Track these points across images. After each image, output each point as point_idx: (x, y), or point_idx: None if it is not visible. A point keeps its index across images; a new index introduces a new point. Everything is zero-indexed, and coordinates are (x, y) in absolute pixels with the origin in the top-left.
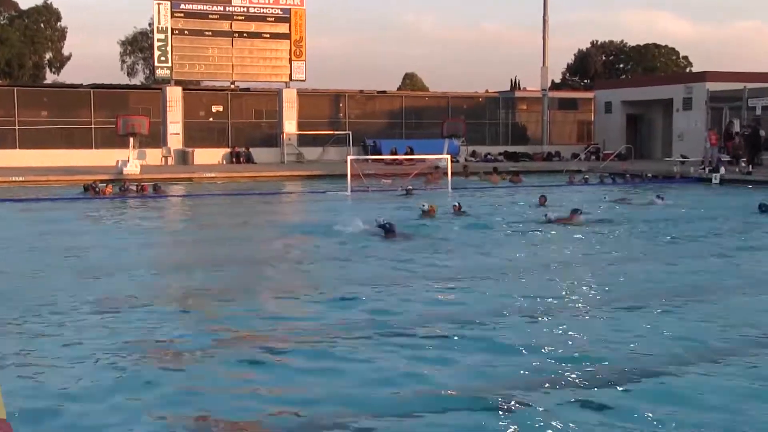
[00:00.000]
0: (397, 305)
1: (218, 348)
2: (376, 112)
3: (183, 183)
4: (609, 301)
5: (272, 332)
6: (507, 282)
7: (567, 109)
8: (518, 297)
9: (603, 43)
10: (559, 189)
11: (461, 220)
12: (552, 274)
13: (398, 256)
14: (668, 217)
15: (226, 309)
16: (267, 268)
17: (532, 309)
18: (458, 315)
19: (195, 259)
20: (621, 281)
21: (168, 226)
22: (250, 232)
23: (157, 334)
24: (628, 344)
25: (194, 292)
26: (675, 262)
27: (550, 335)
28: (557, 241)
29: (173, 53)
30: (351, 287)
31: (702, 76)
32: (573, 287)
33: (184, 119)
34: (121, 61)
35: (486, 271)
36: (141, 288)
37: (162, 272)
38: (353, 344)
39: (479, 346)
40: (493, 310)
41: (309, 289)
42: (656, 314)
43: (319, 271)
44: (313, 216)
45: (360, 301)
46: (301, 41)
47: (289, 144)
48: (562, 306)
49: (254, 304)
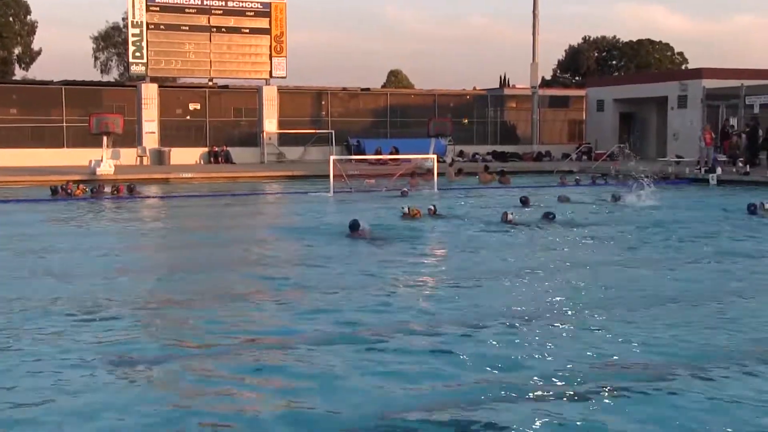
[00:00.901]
0: (372, 311)
1: (191, 357)
2: (359, 111)
3: (159, 184)
4: (595, 307)
5: (250, 339)
6: (480, 288)
7: (558, 107)
8: (495, 303)
9: (595, 38)
10: (550, 190)
11: (437, 223)
12: (531, 279)
13: (377, 260)
14: (662, 220)
15: (202, 315)
16: (246, 272)
17: (512, 315)
18: (433, 322)
19: (171, 264)
20: (611, 287)
21: (142, 229)
22: (229, 234)
23: (128, 341)
24: (615, 351)
25: (169, 297)
26: (663, 267)
27: (534, 344)
28: (536, 245)
29: (148, 49)
30: (324, 293)
31: (698, 72)
32: (552, 292)
33: (160, 117)
34: (94, 57)
35: (458, 275)
36: (113, 293)
37: (135, 277)
38: (326, 352)
39: (459, 355)
40: (464, 317)
41: (287, 293)
42: (646, 321)
43: (300, 275)
44: (294, 218)
45: (336, 307)
46: (281, 36)
47: (270, 143)
48: (542, 313)
49: (232, 309)
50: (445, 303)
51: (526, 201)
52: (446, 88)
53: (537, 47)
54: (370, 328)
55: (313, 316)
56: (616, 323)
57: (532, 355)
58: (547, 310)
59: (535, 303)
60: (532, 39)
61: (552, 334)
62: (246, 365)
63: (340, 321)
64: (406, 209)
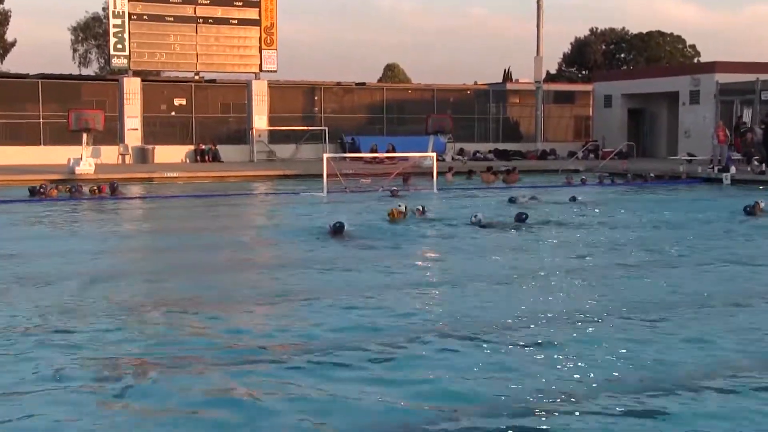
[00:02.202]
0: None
1: (175, 365)
2: (354, 106)
3: (142, 184)
4: (603, 312)
5: (236, 344)
6: (469, 291)
7: (563, 103)
8: (487, 307)
9: (603, 30)
10: (555, 190)
11: (424, 224)
12: (518, 283)
13: (358, 264)
14: (670, 222)
15: (188, 320)
16: (233, 277)
17: (504, 319)
18: (415, 327)
19: (154, 268)
20: (613, 291)
21: (124, 231)
22: (216, 237)
23: (108, 348)
24: (617, 359)
25: (152, 303)
26: (669, 271)
27: (531, 350)
28: (522, 247)
29: (131, 41)
30: (313, 295)
31: (711, 66)
32: (536, 298)
33: (144, 113)
34: (73, 49)
35: (437, 278)
36: (91, 299)
37: (117, 283)
38: (319, 359)
39: (447, 361)
40: (449, 322)
41: (276, 297)
42: (640, 328)
43: (289, 280)
44: (286, 220)
45: (323, 313)
46: (272, 28)
47: (260, 141)
48: (532, 320)
49: (217, 316)
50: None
51: (515, 200)
52: (446, 83)
53: (541, 40)
54: (354, 335)
55: (300, 323)
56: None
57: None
58: (533, 318)
59: (511, 309)
60: (537, 31)
61: (551, 344)
62: (232, 375)
63: (330, 328)
64: (399, 207)
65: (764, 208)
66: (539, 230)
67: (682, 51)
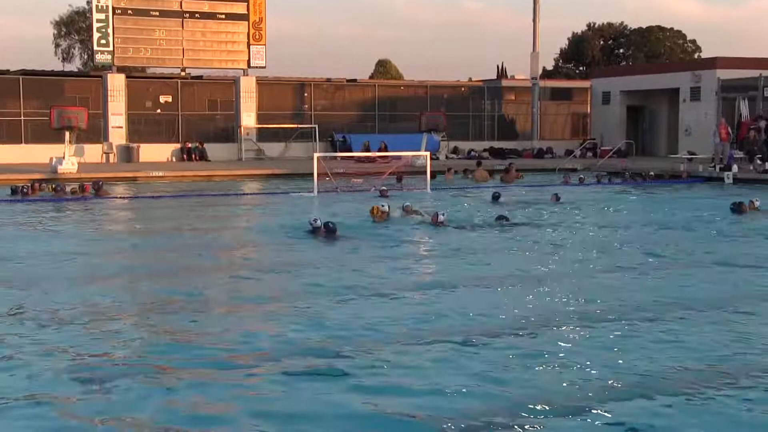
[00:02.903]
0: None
1: (161, 373)
2: (345, 103)
3: (127, 183)
4: (600, 315)
5: (229, 350)
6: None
7: (560, 100)
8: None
9: (601, 25)
10: (552, 190)
11: (403, 225)
12: (500, 286)
13: (345, 266)
14: (662, 222)
15: (174, 324)
16: (219, 279)
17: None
18: (401, 332)
19: (139, 270)
20: (611, 294)
21: (108, 232)
22: (204, 239)
23: (91, 353)
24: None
25: (136, 306)
26: (665, 274)
27: (526, 355)
28: (495, 248)
29: (115, 35)
30: (293, 299)
31: (712, 62)
32: (520, 302)
33: (128, 111)
34: (55, 45)
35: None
36: (74, 303)
37: (100, 285)
38: (311, 365)
39: (441, 369)
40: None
41: (265, 300)
42: (635, 332)
43: (271, 282)
44: (274, 220)
45: (315, 316)
46: (260, 23)
47: (248, 139)
48: (525, 324)
49: (209, 318)
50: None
51: (498, 197)
52: (439, 80)
53: (538, 35)
54: (338, 340)
55: (292, 327)
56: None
57: None
58: (519, 322)
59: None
60: (533, 26)
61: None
62: (221, 383)
63: (319, 333)
64: (385, 207)
65: (759, 207)
66: (515, 230)
67: (682, 46)
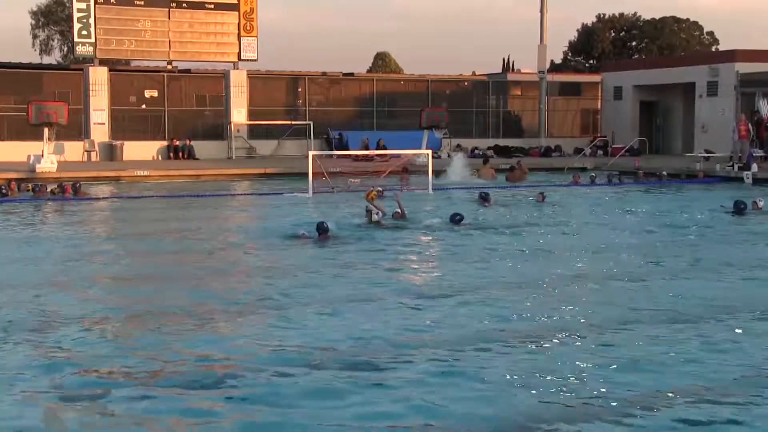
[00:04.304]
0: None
1: (141, 386)
2: (341, 99)
3: (109, 183)
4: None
5: (214, 359)
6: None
7: (569, 96)
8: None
9: (612, 16)
10: (561, 190)
11: (383, 230)
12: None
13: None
14: (670, 225)
15: (154, 333)
16: (207, 285)
17: None
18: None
19: (122, 276)
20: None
21: (89, 236)
22: (191, 242)
23: (70, 363)
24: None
25: (118, 314)
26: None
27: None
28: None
29: (97, 26)
30: (282, 306)
31: (730, 55)
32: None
33: (111, 106)
34: (33, 36)
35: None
36: (54, 310)
37: (81, 291)
38: (301, 374)
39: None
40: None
41: (254, 306)
42: (636, 341)
43: (261, 288)
44: (267, 223)
45: (305, 324)
46: (252, 13)
47: (238, 136)
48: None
49: (189, 329)
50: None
51: (486, 198)
52: (441, 74)
53: (545, 26)
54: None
55: (280, 334)
56: None
57: None
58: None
59: None
60: (540, 17)
61: None
62: (203, 394)
63: (308, 340)
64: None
65: (764, 207)
66: (486, 235)
67: (698, 38)
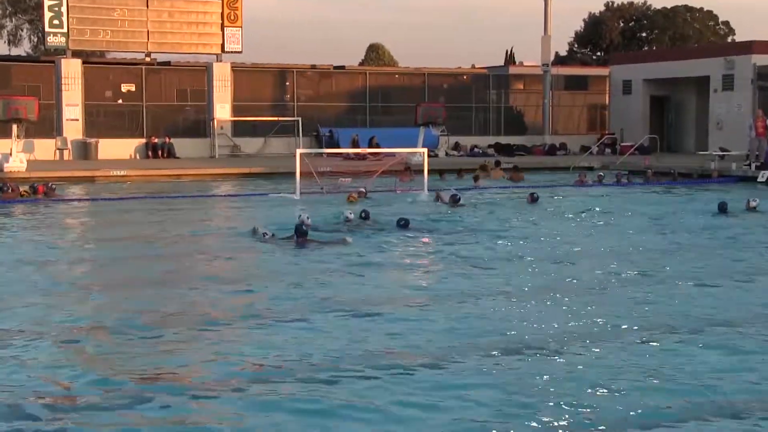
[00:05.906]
0: None
1: (122, 391)
2: (332, 94)
3: (83, 183)
4: None
5: (197, 369)
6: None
7: (575, 90)
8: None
9: (620, 5)
10: (566, 190)
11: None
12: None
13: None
14: (678, 228)
15: (135, 341)
16: (187, 291)
17: None
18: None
19: (96, 282)
20: None
21: (60, 240)
22: (171, 246)
23: (47, 370)
24: None
25: (93, 323)
26: None
27: None
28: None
29: (70, 15)
30: (263, 314)
31: (747, 46)
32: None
33: (85, 101)
34: (0, 26)
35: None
36: (24, 319)
37: (53, 299)
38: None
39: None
40: None
41: (239, 310)
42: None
43: (242, 295)
44: (251, 225)
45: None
46: (236, 2)
47: (222, 134)
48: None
49: (168, 336)
50: None
51: (456, 200)
52: (438, 66)
53: (550, 16)
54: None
55: (268, 343)
56: None
57: None
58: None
59: None
60: (544, 5)
61: None
62: (187, 405)
63: (291, 350)
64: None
65: (757, 207)
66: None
67: (713, 29)
